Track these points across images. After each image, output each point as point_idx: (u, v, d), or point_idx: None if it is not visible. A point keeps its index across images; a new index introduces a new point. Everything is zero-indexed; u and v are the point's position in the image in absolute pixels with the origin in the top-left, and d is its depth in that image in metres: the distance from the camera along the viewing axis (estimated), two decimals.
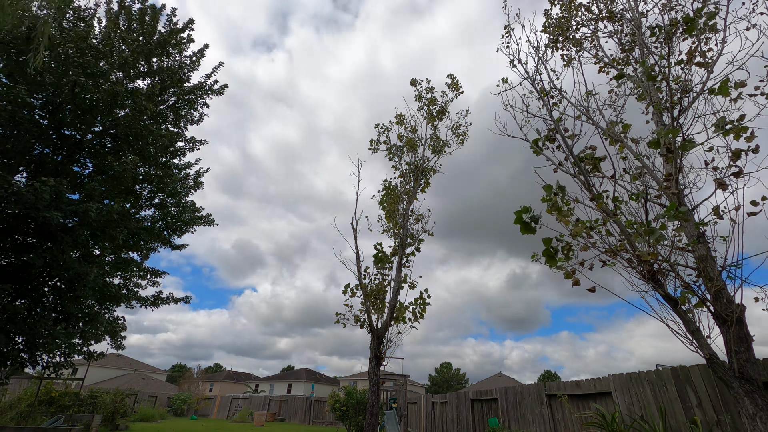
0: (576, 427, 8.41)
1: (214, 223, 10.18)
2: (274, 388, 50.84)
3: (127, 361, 46.23)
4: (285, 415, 28.58)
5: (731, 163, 3.93)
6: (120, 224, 7.52)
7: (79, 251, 7.61)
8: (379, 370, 9.38)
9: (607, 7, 5.85)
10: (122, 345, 8.84)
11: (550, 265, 3.82)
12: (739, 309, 3.66)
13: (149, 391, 34.09)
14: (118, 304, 8.96)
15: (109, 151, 7.96)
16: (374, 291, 9.98)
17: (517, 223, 3.52)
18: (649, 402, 6.82)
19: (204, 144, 10.28)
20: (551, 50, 6.01)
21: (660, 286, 3.84)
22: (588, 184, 4.56)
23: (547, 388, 9.54)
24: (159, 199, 9.19)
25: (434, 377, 69.65)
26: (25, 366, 7.13)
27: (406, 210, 11.08)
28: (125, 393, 17.17)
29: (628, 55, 5.71)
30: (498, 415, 11.21)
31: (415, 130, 11.88)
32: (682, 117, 4.44)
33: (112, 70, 7.88)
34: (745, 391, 3.45)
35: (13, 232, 6.81)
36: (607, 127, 4.87)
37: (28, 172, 7.48)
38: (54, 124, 7.37)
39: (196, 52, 9.81)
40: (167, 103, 9.54)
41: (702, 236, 4.09)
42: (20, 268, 6.69)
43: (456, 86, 11.92)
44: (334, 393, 16.48)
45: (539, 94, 5.47)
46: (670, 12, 5.16)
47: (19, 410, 12.35)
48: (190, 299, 10.02)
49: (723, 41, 4.52)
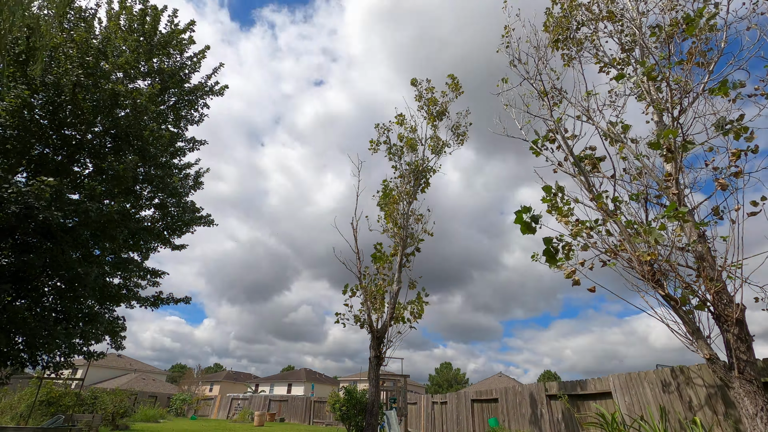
0: (576, 427, 8.40)
1: (213, 223, 10.18)
2: (274, 388, 50.85)
3: (127, 361, 46.23)
4: (285, 415, 28.58)
5: (731, 164, 3.93)
6: (120, 224, 7.52)
7: (79, 251, 7.61)
8: (379, 370, 9.38)
9: (608, 7, 5.85)
10: (122, 345, 8.83)
11: (550, 264, 3.82)
12: (739, 309, 3.66)
13: (149, 391, 34.08)
14: (118, 304, 8.95)
15: (110, 151, 7.96)
16: (374, 291, 9.98)
17: (518, 223, 3.52)
18: (649, 402, 6.82)
19: (204, 144, 10.29)
20: (551, 50, 6.01)
21: (660, 287, 3.83)
22: (588, 184, 4.56)
23: (547, 388, 9.54)
24: (159, 199, 9.18)
25: (434, 377, 69.65)
26: (25, 366, 7.12)
27: (406, 210, 11.08)
28: (125, 393, 17.17)
29: (629, 55, 5.71)
30: (498, 415, 11.21)
31: (414, 130, 11.87)
32: (682, 117, 4.44)
33: (112, 71, 7.88)
34: (745, 391, 3.45)
35: (13, 232, 6.81)
36: (607, 127, 4.87)
37: (28, 172, 7.48)
38: (54, 124, 7.37)
39: (197, 53, 9.82)
40: (167, 103, 9.54)
41: (702, 236, 4.09)
42: (20, 268, 6.69)
43: (456, 86, 11.92)
44: (335, 393, 16.46)
45: (539, 94, 5.46)
46: (671, 12, 5.16)
47: (19, 410, 12.36)
48: (190, 300, 10.02)
49: (723, 41, 4.52)
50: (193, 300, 10.21)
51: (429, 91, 11.99)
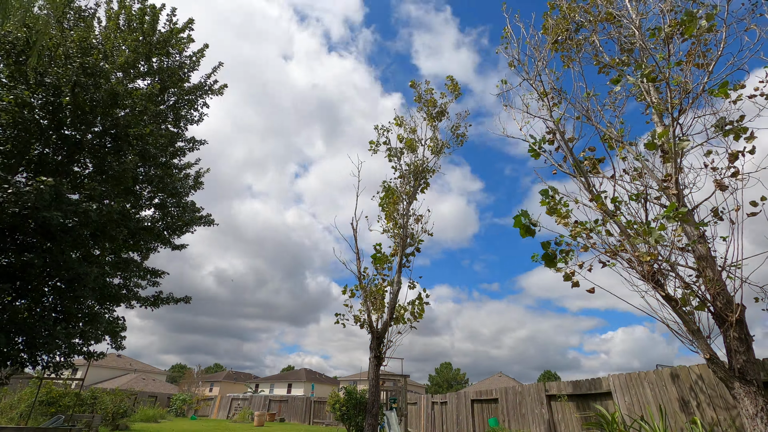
0: (576, 428, 8.41)
1: (214, 223, 10.18)
2: (274, 389, 50.86)
3: (127, 361, 46.25)
4: (285, 415, 28.57)
5: (730, 164, 3.93)
6: (120, 224, 7.51)
7: (79, 251, 7.60)
8: (379, 370, 9.38)
9: (606, 9, 5.85)
10: (122, 345, 8.82)
11: (549, 267, 3.82)
12: (739, 309, 3.66)
13: (149, 391, 34.06)
14: (118, 304, 8.95)
15: (109, 151, 7.95)
16: (374, 291, 9.98)
17: (517, 227, 3.52)
18: (649, 402, 6.82)
19: (204, 144, 10.28)
20: (551, 51, 6.01)
21: (660, 287, 3.84)
22: (588, 185, 4.57)
23: (547, 388, 9.54)
24: (159, 199, 9.19)
25: (434, 377, 69.67)
26: (25, 366, 7.11)
27: (406, 210, 11.08)
28: (125, 393, 17.16)
29: (628, 56, 5.71)
30: (498, 415, 11.21)
31: (414, 131, 11.89)
32: (681, 117, 4.45)
33: (112, 70, 7.87)
34: (745, 391, 3.45)
35: (13, 232, 6.80)
36: (607, 127, 4.88)
37: (28, 172, 7.47)
38: (54, 124, 7.37)
39: (196, 51, 9.81)
40: (167, 103, 9.54)
41: (702, 236, 4.09)
42: (20, 268, 6.68)
43: (455, 88, 11.95)
44: (335, 393, 16.46)
45: (539, 95, 5.47)
46: (670, 13, 5.17)
47: (19, 410, 12.35)
48: (190, 299, 10.01)
49: (723, 41, 4.52)
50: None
51: (428, 93, 12.02)
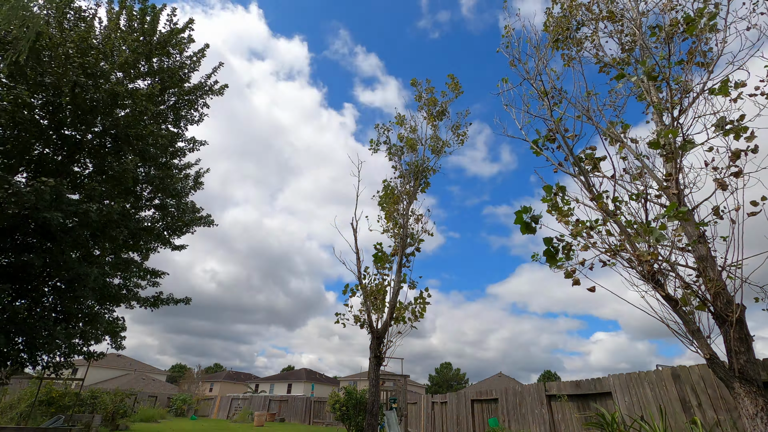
0: (576, 428, 8.40)
1: (213, 223, 10.19)
2: (274, 389, 50.85)
3: (127, 361, 46.24)
4: (285, 415, 28.57)
5: (731, 163, 3.93)
6: (120, 224, 7.51)
7: (79, 251, 7.61)
8: (379, 370, 9.38)
9: (608, 7, 5.85)
10: (122, 345, 8.83)
11: (550, 264, 3.82)
12: (739, 309, 3.65)
13: (149, 391, 34.07)
14: (118, 304, 8.95)
15: (110, 151, 7.96)
16: (374, 291, 9.98)
17: (518, 223, 3.52)
18: (649, 402, 6.82)
19: (204, 144, 10.28)
20: (552, 50, 6.01)
21: (660, 287, 3.83)
22: (588, 184, 4.56)
23: (547, 389, 9.53)
24: (159, 200, 9.19)
25: (434, 377, 69.65)
26: (25, 366, 7.12)
27: (406, 210, 11.09)
28: (125, 393, 17.17)
29: (629, 55, 5.71)
30: (498, 415, 11.20)
31: (414, 130, 11.90)
32: (682, 117, 4.44)
33: (112, 71, 7.87)
34: (745, 391, 3.45)
35: (13, 232, 6.81)
36: (608, 127, 4.87)
37: (28, 172, 7.47)
38: (54, 124, 7.37)
39: (197, 52, 9.80)
40: (167, 103, 9.53)
41: (702, 236, 4.09)
42: (20, 268, 6.68)
43: (456, 87, 11.94)
44: (335, 393, 16.47)
45: (539, 94, 5.47)
46: (671, 12, 5.16)
47: (19, 410, 12.35)
48: (190, 300, 10.02)
49: (723, 41, 4.52)
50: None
51: (429, 92, 12.02)
